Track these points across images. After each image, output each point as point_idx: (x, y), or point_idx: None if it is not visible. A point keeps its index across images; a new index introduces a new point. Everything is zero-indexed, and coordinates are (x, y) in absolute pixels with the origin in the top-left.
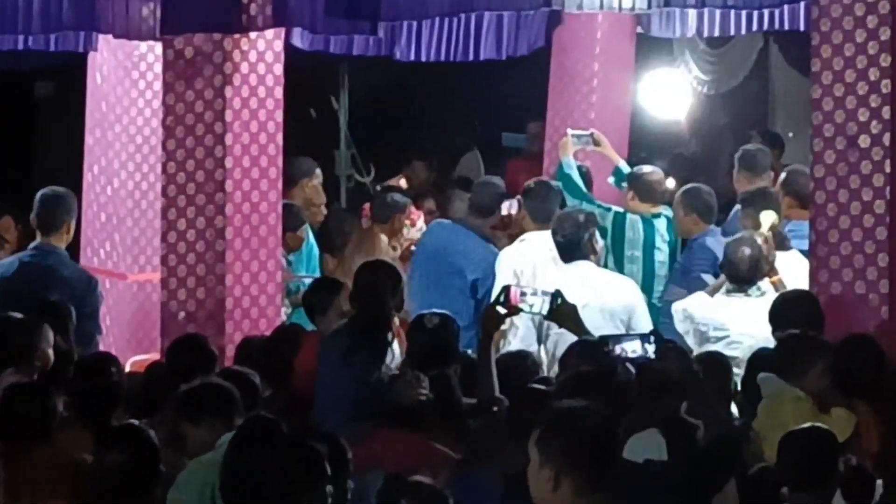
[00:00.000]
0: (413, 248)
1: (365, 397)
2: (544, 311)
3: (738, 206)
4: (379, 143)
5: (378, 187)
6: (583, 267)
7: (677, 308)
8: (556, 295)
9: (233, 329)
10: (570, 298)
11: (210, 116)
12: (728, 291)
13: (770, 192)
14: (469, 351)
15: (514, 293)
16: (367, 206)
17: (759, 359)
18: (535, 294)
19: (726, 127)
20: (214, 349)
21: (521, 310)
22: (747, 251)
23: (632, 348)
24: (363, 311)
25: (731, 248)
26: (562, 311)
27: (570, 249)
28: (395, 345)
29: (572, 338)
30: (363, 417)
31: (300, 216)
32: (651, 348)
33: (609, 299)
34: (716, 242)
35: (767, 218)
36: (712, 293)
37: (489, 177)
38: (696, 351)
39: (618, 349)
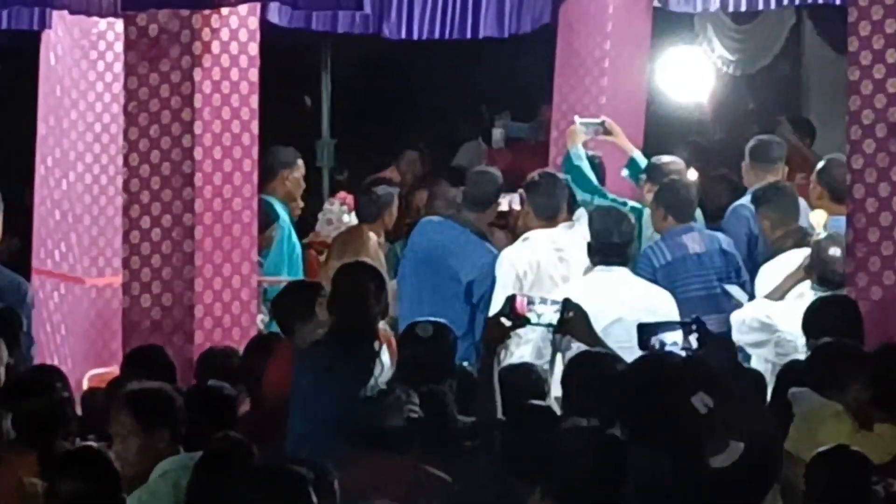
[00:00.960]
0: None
1: (349, 418)
2: (554, 322)
3: (738, 203)
4: (366, 131)
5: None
6: (619, 274)
7: (746, 316)
8: (567, 303)
9: (203, 339)
10: (599, 310)
11: (177, 102)
12: (817, 294)
13: (784, 188)
14: (465, 364)
15: (521, 302)
16: (343, 196)
17: (789, 371)
18: (543, 303)
19: (753, 112)
20: (173, 361)
21: (529, 321)
22: (838, 250)
23: (672, 339)
24: (344, 319)
25: (820, 247)
26: (573, 321)
27: (617, 253)
28: (385, 356)
29: None
30: (347, 441)
31: (269, 212)
32: (694, 339)
33: (646, 314)
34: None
35: (819, 217)
36: (780, 297)
37: (485, 166)
38: (774, 363)
39: (654, 341)
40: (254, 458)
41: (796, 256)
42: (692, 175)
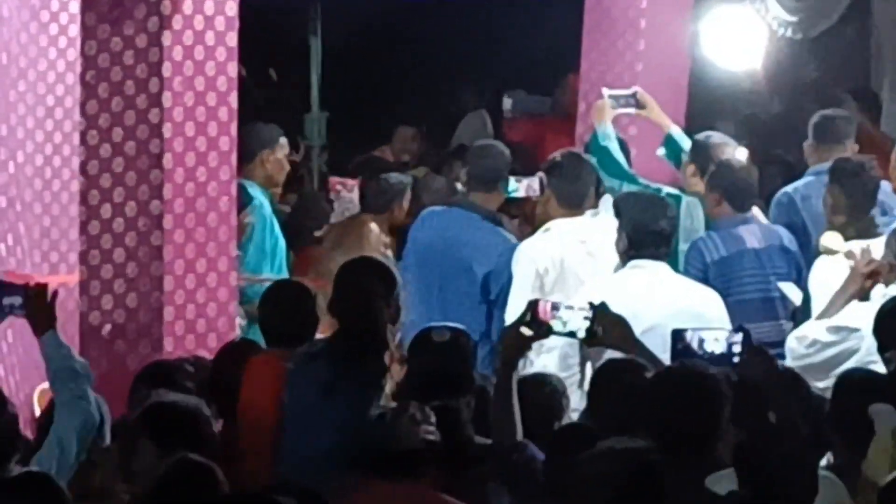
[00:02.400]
0: None
1: (355, 440)
2: (582, 331)
3: (781, 191)
4: (360, 103)
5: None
6: (656, 271)
7: (804, 337)
8: (598, 308)
9: (173, 347)
10: (631, 315)
11: (143, 70)
12: None
13: (868, 169)
14: (485, 374)
15: (544, 308)
16: (335, 182)
17: (853, 382)
18: (570, 308)
19: (815, 83)
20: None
21: (553, 330)
22: None
23: (713, 336)
24: (348, 327)
25: None
26: (606, 330)
27: (662, 246)
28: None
29: None
30: (353, 466)
31: (241, 195)
32: (737, 347)
33: (690, 320)
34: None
35: None
36: (839, 308)
37: (488, 140)
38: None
39: (691, 337)
40: (219, 486)
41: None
42: (741, 155)
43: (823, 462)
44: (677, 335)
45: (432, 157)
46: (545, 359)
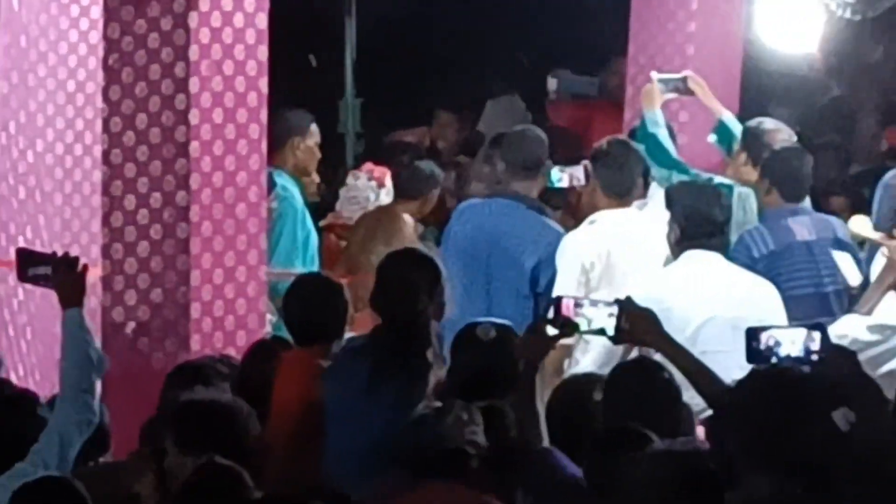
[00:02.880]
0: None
1: (399, 440)
2: (609, 329)
3: (889, 177)
4: (395, 88)
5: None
6: (712, 261)
7: (844, 336)
8: (625, 303)
9: (201, 345)
10: (688, 307)
11: (168, 54)
12: None
13: None
14: None
15: (567, 305)
16: (371, 168)
17: None
18: (594, 305)
19: (877, 66)
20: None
21: (578, 328)
22: None
23: (790, 337)
24: (391, 321)
25: None
26: (634, 326)
27: (716, 235)
28: None
29: None
30: (395, 465)
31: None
32: (815, 346)
33: (747, 310)
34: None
35: None
36: (868, 311)
37: (524, 125)
38: None
39: (766, 337)
40: (246, 490)
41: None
42: (784, 136)
43: None
44: (752, 334)
45: (473, 144)
46: (590, 356)
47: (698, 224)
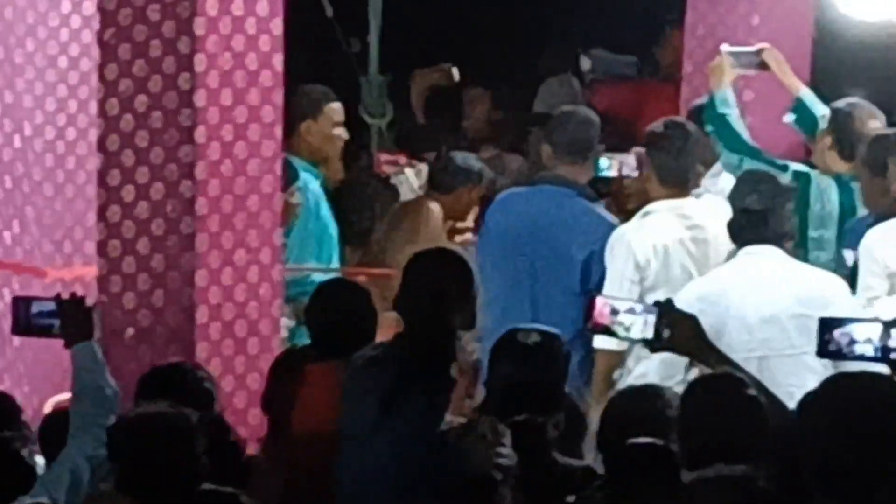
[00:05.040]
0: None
1: (417, 462)
2: (648, 336)
3: None
4: (425, 63)
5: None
6: (769, 256)
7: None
8: (665, 307)
9: (208, 354)
10: (744, 307)
11: (170, 29)
12: None
13: None
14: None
15: (602, 308)
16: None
17: None
18: (631, 312)
19: None
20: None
21: (615, 334)
22: None
23: (866, 334)
24: (413, 329)
25: None
26: (675, 335)
27: (760, 223)
28: None
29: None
30: (417, 492)
31: (287, 170)
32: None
33: (813, 308)
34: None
35: None
36: None
37: (572, 106)
38: None
39: (839, 335)
40: None
41: None
42: (877, 123)
43: None
44: (825, 326)
45: (506, 126)
46: (644, 365)
47: (736, 216)
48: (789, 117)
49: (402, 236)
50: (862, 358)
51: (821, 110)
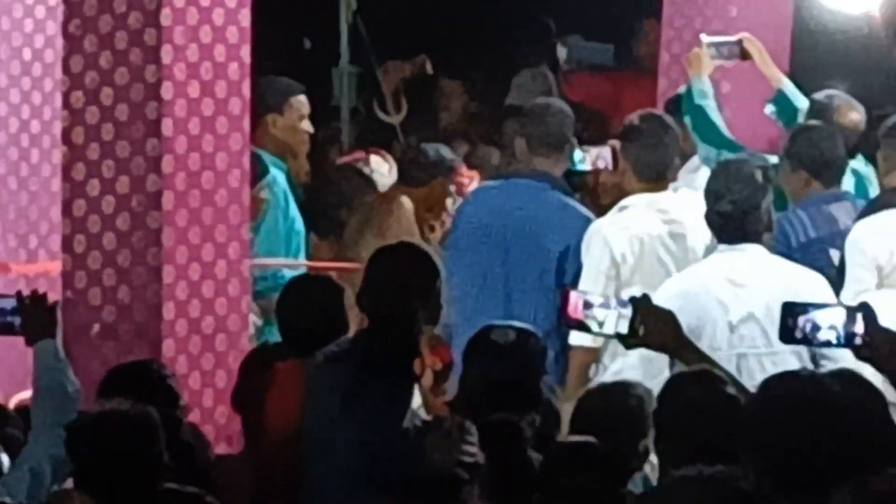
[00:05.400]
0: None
1: (380, 461)
2: (622, 331)
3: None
4: (396, 54)
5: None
6: (752, 254)
7: None
8: (640, 303)
9: (174, 350)
10: (722, 305)
11: (137, 20)
12: None
13: None
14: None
15: (575, 302)
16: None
17: None
18: (605, 306)
19: None
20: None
21: (588, 329)
22: None
23: (829, 320)
24: (375, 325)
25: None
26: (650, 331)
27: (736, 224)
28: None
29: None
30: (380, 490)
31: (256, 165)
32: (860, 327)
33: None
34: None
35: None
36: None
37: (546, 98)
38: None
39: (803, 322)
40: None
41: None
42: (855, 118)
43: None
44: (788, 311)
45: (481, 119)
46: (622, 362)
47: (709, 214)
48: (770, 109)
49: (372, 231)
50: (827, 344)
51: (802, 102)
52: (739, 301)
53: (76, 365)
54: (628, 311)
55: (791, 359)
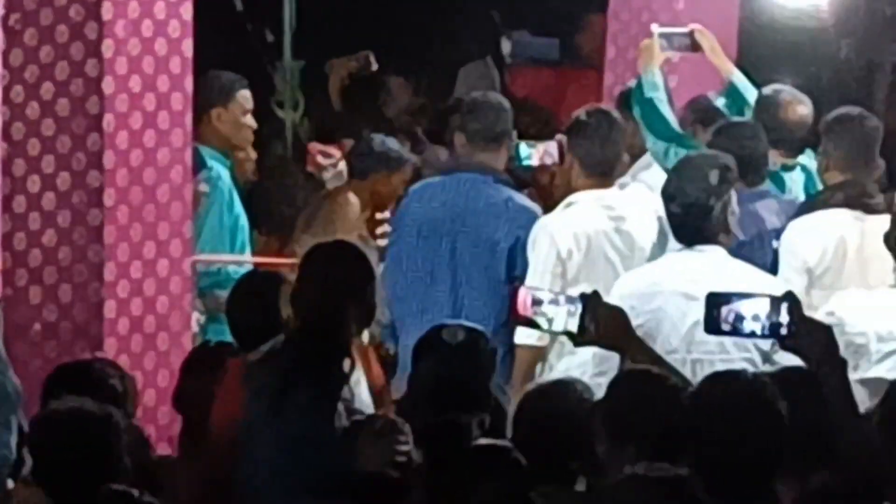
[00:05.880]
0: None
1: (308, 462)
2: (572, 329)
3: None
4: (340, 50)
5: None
6: (709, 255)
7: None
8: (591, 300)
9: (116, 349)
10: (683, 306)
11: (78, 12)
12: None
13: (864, 119)
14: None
15: (524, 299)
16: (320, 149)
17: None
18: (555, 303)
19: (892, 23)
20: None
21: (538, 326)
22: None
23: (753, 310)
24: (305, 324)
25: None
26: (601, 329)
27: (693, 225)
28: (362, 379)
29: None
30: (311, 491)
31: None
32: (785, 317)
33: None
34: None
35: None
36: None
37: (482, 92)
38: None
39: (727, 312)
40: None
41: (836, 219)
42: (803, 111)
43: None
44: (713, 301)
45: (426, 114)
46: (569, 361)
47: (668, 217)
48: (720, 101)
49: (318, 228)
50: (752, 335)
51: (753, 95)
52: (693, 306)
53: (16, 364)
54: (578, 308)
55: (744, 365)
